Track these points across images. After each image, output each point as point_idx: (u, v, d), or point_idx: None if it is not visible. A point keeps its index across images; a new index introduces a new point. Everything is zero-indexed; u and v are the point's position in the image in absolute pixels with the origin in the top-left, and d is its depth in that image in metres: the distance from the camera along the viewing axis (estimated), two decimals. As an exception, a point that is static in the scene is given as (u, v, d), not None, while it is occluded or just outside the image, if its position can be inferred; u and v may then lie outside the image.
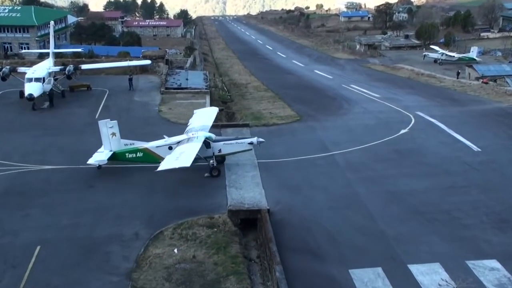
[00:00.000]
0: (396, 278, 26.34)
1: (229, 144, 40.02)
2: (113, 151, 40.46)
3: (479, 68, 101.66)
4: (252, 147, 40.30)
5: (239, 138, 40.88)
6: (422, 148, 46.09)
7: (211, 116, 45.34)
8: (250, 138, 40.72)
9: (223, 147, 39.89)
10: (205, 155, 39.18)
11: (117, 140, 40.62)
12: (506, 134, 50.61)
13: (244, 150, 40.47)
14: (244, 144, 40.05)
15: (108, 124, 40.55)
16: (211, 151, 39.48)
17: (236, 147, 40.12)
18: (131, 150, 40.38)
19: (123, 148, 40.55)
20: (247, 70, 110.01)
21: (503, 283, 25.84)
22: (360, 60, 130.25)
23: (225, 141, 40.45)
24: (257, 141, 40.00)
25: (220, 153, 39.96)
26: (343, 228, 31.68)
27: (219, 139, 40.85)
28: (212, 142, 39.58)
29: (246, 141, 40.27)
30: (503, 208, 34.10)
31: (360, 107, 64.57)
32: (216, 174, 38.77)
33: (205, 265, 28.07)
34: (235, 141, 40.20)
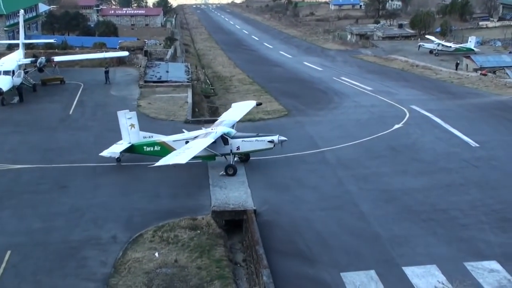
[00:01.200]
0: (390, 282, 26.45)
1: (248, 141, 39.39)
2: (131, 143, 40.96)
3: (477, 59, 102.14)
4: (272, 146, 39.33)
5: (260, 136, 39.90)
6: (417, 144, 46.30)
7: (244, 110, 45.71)
8: (271, 136, 39.63)
9: (241, 144, 39.34)
10: (222, 151, 39.24)
11: (136, 132, 41.14)
12: (506, 128, 50.95)
13: (264, 149, 39.60)
14: (264, 142, 39.22)
15: (127, 115, 41.13)
16: (228, 148, 39.22)
17: (256, 145, 39.43)
18: (149, 143, 40.70)
19: (141, 140, 40.97)
20: (231, 62, 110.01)
21: (503, 285, 26.02)
22: (352, 51, 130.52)
23: (244, 138, 39.66)
24: (279, 139, 39.22)
25: (238, 150, 39.46)
26: (334, 230, 31.76)
27: (239, 135, 40.03)
28: (230, 138, 39.24)
29: (266, 139, 39.33)
30: (503, 206, 34.34)
31: (352, 101, 64.77)
32: (231, 173, 38.60)
33: (188, 269, 28.04)
34: (255, 139, 39.45)
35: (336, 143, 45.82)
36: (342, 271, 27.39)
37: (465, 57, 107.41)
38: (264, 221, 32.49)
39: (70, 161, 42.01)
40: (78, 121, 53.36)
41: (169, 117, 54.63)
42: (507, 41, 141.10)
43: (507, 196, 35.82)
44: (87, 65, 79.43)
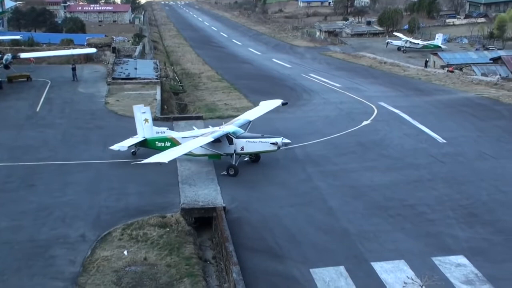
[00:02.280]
0: (359, 277, 26.59)
1: (252, 142, 38.73)
2: (145, 137, 41.30)
3: (444, 56, 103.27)
4: (276, 148, 38.54)
5: (264, 137, 39.06)
6: (386, 140, 46.62)
7: (266, 108, 45.59)
8: (275, 138, 38.65)
9: (245, 144, 38.71)
10: (226, 151, 38.90)
11: (150, 127, 41.41)
12: (472, 125, 51.49)
13: (268, 151, 39.04)
14: (267, 144, 38.48)
15: (142, 109, 41.41)
16: (233, 147, 38.75)
17: (259, 146, 38.81)
18: (161, 139, 40.95)
19: (154, 135, 41.23)
20: (200, 58, 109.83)
21: (470, 280, 26.30)
22: (320, 48, 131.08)
23: (248, 138, 38.93)
24: (282, 142, 38.39)
25: (242, 151, 38.86)
26: (304, 226, 31.85)
27: (245, 135, 39.34)
28: (235, 138, 38.74)
29: (270, 140, 38.51)
30: (469, 202, 34.71)
31: (321, 98, 65.02)
32: (232, 173, 38.20)
33: (157, 267, 27.92)
34: (259, 140, 38.75)
35: (305, 140, 45.96)
36: (312, 267, 27.48)
37: (432, 54, 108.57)
38: (233, 218, 32.48)
39: (37, 159, 41.57)
40: (46, 119, 52.83)
41: (138, 114, 54.22)
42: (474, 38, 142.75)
43: (474, 192, 36.22)
44: (54, 62, 78.68)
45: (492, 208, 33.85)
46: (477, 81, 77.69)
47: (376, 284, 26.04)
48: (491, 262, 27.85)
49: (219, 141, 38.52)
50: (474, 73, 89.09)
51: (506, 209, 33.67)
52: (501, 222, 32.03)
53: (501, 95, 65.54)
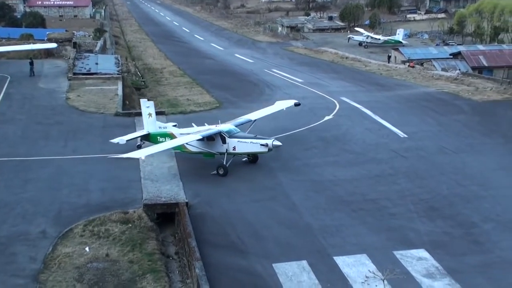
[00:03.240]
0: (321, 271, 26.74)
1: (244, 142, 38.07)
2: (149, 132, 41.35)
3: (405, 51, 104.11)
4: (266, 150, 37.73)
5: (255, 138, 38.34)
6: (348, 135, 46.92)
7: (275, 108, 45.50)
8: (266, 140, 37.89)
9: (237, 144, 38.10)
10: (219, 150, 38.56)
11: (153, 122, 41.52)
12: (433, 119, 52.05)
13: (259, 152, 38.62)
14: (257, 145, 37.79)
15: (146, 103, 41.61)
16: (225, 147, 38.22)
17: (250, 147, 38.16)
18: (162, 134, 40.84)
19: (157, 130, 41.23)
20: (162, 53, 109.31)
21: (431, 273, 26.60)
22: (282, 43, 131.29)
23: (241, 138, 38.30)
24: (272, 144, 37.59)
25: (234, 150, 38.20)
26: (267, 221, 31.92)
27: (238, 135, 38.67)
28: (228, 137, 38.17)
29: (260, 142, 37.78)
30: (430, 196, 35.11)
31: (283, 93, 65.17)
32: (221, 173, 37.77)
33: (120, 263, 27.78)
34: (250, 141, 38.00)
35: (268, 135, 45.92)
36: (275, 262, 27.55)
37: (393, 49, 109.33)
38: (196, 214, 32.44)
39: (-3, 155, 41.11)
40: (5, 114, 52.12)
41: (99, 109, 53.89)
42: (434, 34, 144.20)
43: (434, 186, 36.64)
44: (14, 57, 77.73)
45: (453, 202, 34.29)
46: (437, 76, 78.57)
47: (338, 278, 26.19)
48: (451, 255, 28.22)
49: (213, 139, 38.32)
50: (434, 68, 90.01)
51: (465, 203, 34.13)
52: (461, 215, 32.45)
53: (461, 90, 66.35)
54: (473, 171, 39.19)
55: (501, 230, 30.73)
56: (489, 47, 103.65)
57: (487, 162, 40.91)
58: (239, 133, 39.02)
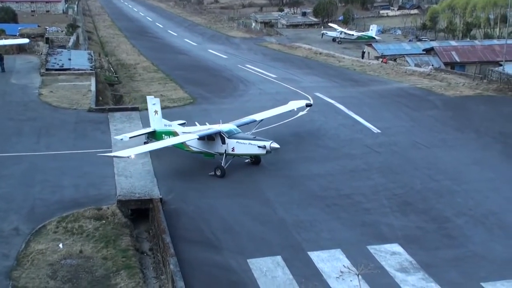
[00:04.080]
0: (296, 266, 26.78)
1: (242, 143, 36.99)
2: (155, 129, 40.94)
3: (378, 47, 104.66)
4: (264, 152, 36.67)
5: (254, 139, 37.30)
6: (322, 130, 47.06)
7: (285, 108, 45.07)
8: (263, 142, 36.75)
9: (236, 145, 37.07)
10: (218, 150, 37.69)
11: (159, 119, 41.05)
12: (406, 115, 52.38)
13: (257, 154, 37.67)
14: (255, 147, 36.73)
15: (152, 100, 41.26)
16: (224, 147, 37.32)
17: (248, 149, 37.11)
18: (167, 132, 40.30)
19: (163, 128, 40.71)
20: (135, 49, 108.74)
21: (404, 267, 26.76)
22: (256, 39, 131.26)
23: (239, 139, 37.26)
24: (270, 146, 36.35)
25: (233, 151, 37.22)
26: (241, 216, 31.93)
27: (237, 136, 37.65)
28: (227, 138, 37.25)
29: (257, 143, 36.69)
30: (404, 191, 35.33)
31: (257, 88, 65.20)
32: (219, 174, 36.89)
33: (93, 260, 27.63)
34: (249, 142, 36.94)
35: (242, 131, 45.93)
36: (249, 257, 27.55)
37: (367, 45, 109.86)
38: (170, 210, 32.35)
39: (-32, 151, 40.69)
40: (-24, 111, 51.66)
41: (72, 105, 53.52)
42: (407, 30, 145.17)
43: (408, 181, 36.87)
44: (-15, 52, 76.94)
45: (426, 196, 34.53)
46: (410, 71, 79.04)
47: (312, 273, 26.24)
48: (425, 249, 28.41)
49: (213, 139, 37.64)
50: (407, 64, 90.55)
51: (439, 197, 34.39)
52: (434, 210, 32.69)
53: (433, 85, 66.81)
54: (446, 166, 39.49)
55: (474, 225, 31.01)
56: (461, 43, 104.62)
57: (460, 157, 41.25)
58: (239, 134, 38.01)
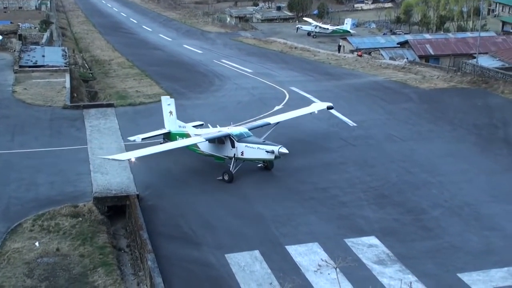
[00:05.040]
0: (274, 261, 26.86)
1: (251, 147, 35.52)
2: (170, 131, 40.16)
3: (353, 41, 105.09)
4: (273, 157, 35.13)
5: (265, 144, 35.60)
6: (298, 124, 47.00)
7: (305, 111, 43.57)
8: (272, 146, 35.02)
9: (245, 149, 35.69)
10: (228, 154, 36.43)
11: (174, 120, 40.22)
12: (381, 108, 52.63)
13: (265, 159, 36.14)
14: (263, 151, 35.17)
15: (167, 101, 40.50)
16: (234, 151, 36.03)
17: (257, 153, 35.55)
18: (181, 134, 39.55)
19: (177, 130, 39.96)
20: (110, 45, 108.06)
21: (382, 259, 26.95)
22: (231, 34, 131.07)
23: (249, 143, 35.77)
24: (279, 151, 34.67)
25: (242, 156, 35.86)
26: (218, 212, 31.96)
27: (247, 139, 36.08)
28: (236, 141, 35.90)
29: (266, 148, 35.07)
30: (380, 183, 35.54)
31: (233, 83, 65.14)
32: (226, 179, 35.71)
33: (71, 258, 27.52)
34: (257, 146, 35.36)
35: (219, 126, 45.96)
36: (227, 252, 27.59)
37: (341, 39, 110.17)
38: (147, 206, 32.31)
39: None
40: (-51, 108, 51.15)
41: (47, 102, 53.15)
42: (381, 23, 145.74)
43: (384, 173, 37.08)
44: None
45: (402, 189, 34.77)
46: (385, 65, 79.44)
47: (290, 267, 26.34)
48: (401, 241, 28.62)
49: (223, 142, 36.45)
50: (382, 57, 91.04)
51: (414, 189, 34.64)
52: (410, 202, 32.93)
53: (408, 78, 67.15)
54: (421, 158, 39.77)
55: (449, 216, 31.27)
56: (435, 36, 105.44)
57: (435, 149, 41.55)
58: (249, 138, 36.47)
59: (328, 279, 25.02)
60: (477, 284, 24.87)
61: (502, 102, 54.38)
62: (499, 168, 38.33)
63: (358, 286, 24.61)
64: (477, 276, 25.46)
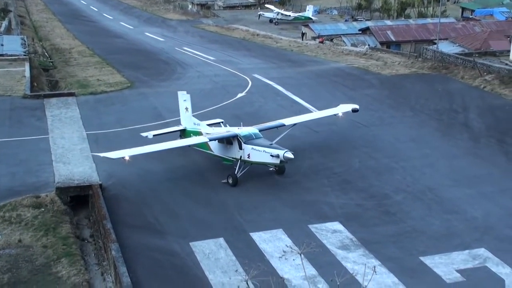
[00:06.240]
0: (238, 248, 26.94)
1: (257, 150, 33.21)
2: (185, 128, 38.38)
3: (315, 28, 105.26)
4: (278, 161, 32.69)
5: (271, 147, 33.12)
6: (261, 111, 47.18)
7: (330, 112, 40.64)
8: (277, 151, 32.50)
9: (251, 152, 33.46)
10: (234, 156, 34.44)
11: (189, 117, 38.49)
12: (343, 94, 52.89)
13: (271, 163, 33.60)
14: (268, 155, 32.79)
15: (183, 96, 38.58)
16: (241, 153, 33.96)
17: (262, 157, 33.15)
18: (195, 132, 37.32)
19: (192, 127, 38.02)
20: (70, 33, 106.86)
21: (345, 245, 27.18)
22: (193, 21, 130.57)
23: (255, 145, 33.47)
24: (284, 156, 32.14)
25: (248, 158, 33.67)
26: (182, 200, 31.93)
27: (254, 141, 33.75)
28: (244, 143, 33.77)
29: (271, 152, 32.56)
30: (343, 169, 35.78)
31: (195, 71, 64.98)
32: (230, 183, 33.68)
33: (33, 249, 27.29)
34: (263, 149, 32.99)
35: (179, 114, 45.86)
36: (191, 240, 27.58)
37: (303, 26, 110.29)
38: (110, 195, 32.14)
39: None
40: None
41: (6, 92, 52.42)
42: (343, 10, 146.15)
43: (347, 159, 37.33)
44: None
45: (365, 174, 35.06)
46: (347, 51, 79.86)
47: (255, 254, 26.42)
48: (364, 226, 28.89)
49: (231, 143, 34.53)
50: (344, 43, 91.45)
51: (377, 175, 34.95)
52: (373, 187, 33.23)
53: (370, 64, 67.58)
54: (384, 144, 40.11)
55: (412, 200, 31.63)
56: (396, 22, 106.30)
57: (397, 134, 41.94)
58: (257, 140, 34.12)
59: (292, 265, 25.14)
60: (439, 267, 25.23)
61: (462, 87, 55.01)
62: (460, 152, 38.84)
63: (322, 271, 24.79)
64: (439, 259, 25.83)
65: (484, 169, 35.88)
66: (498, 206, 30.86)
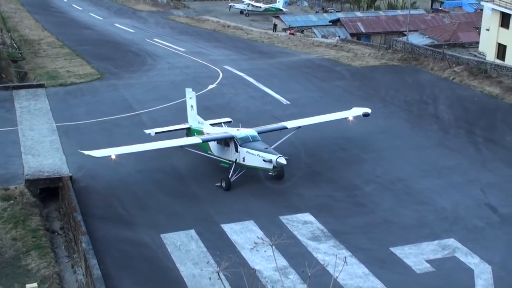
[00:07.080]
0: (210, 240, 26.95)
1: (251, 154, 32.04)
2: (190, 126, 37.34)
3: (286, 19, 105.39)
4: (271, 166, 31.49)
5: (265, 151, 31.80)
6: (232, 103, 47.16)
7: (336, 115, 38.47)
8: (270, 155, 31.23)
9: (246, 155, 32.31)
10: (231, 158, 33.32)
11: (194, 115, 37.47)
12: (314, 86, 53.03)
13: (264, 168, 32.16)
14: (260, 160, 31.62)
15: (189, 94, 37.61)
16: (236, 156, 32.83)
17: (256, 161, 31.95)
18: (198, 131, 36.29)
19: (197, 126, 36.94)
20: (39, 24, 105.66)
21: (316, 236, 27.31)
22: (163, 12, 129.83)
23: (250, 148, 32.25)
24: (276, 161, 30.88)
25: (244, 162, 32.51)
26: (153, 192, 31.83)
27: (250, 145, 32.49)
28: (239, 145, 32.60)
29: (264, 156, 31.38)
30: (313, 160, 35.92)
31: (166, 63, 64.68)
32: (223, 187, 32.37)
33: (2, 241, 27.08)
34: (257, 153, 31.79)
35: (152, 105, 45.67)
36: (162, 232, 27.56)
37: (274, 17, 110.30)
38: (81, 187, 31.95)
39: None
40: None
41: (-26, 84, 51.91)
42: (313, 1, 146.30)
43: (317, 151, 37.47)
44: None
45: (335, 166, 35.26)
46: (318, 43, 79.97)
47: (226, 246, 26.46)
48: (335, 217, 29.06)
49: (228, 145, 33.49)
50: (314, 35, 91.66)
51: (347, 166, 35.18)
52: (343, 179, 33.41)
53: (340, 56, 67.80)
54: (354, 135, 40.23)
55: (382, 191, 31.88)
56: (366, 14, 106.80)
57: (367, 126, 42.00)
58: (254, 143, 32.87)
59: (264, 256, 25.21)
60: (409, 257, 25.49)
61: (432, 78, 55.47)
62: (429, 143, 39.19)
63: (293, 262, 24.91)
64: (409, 250, 26.09)
65: (453, 160, 36.26)
66: (467, 197, 31.24)
